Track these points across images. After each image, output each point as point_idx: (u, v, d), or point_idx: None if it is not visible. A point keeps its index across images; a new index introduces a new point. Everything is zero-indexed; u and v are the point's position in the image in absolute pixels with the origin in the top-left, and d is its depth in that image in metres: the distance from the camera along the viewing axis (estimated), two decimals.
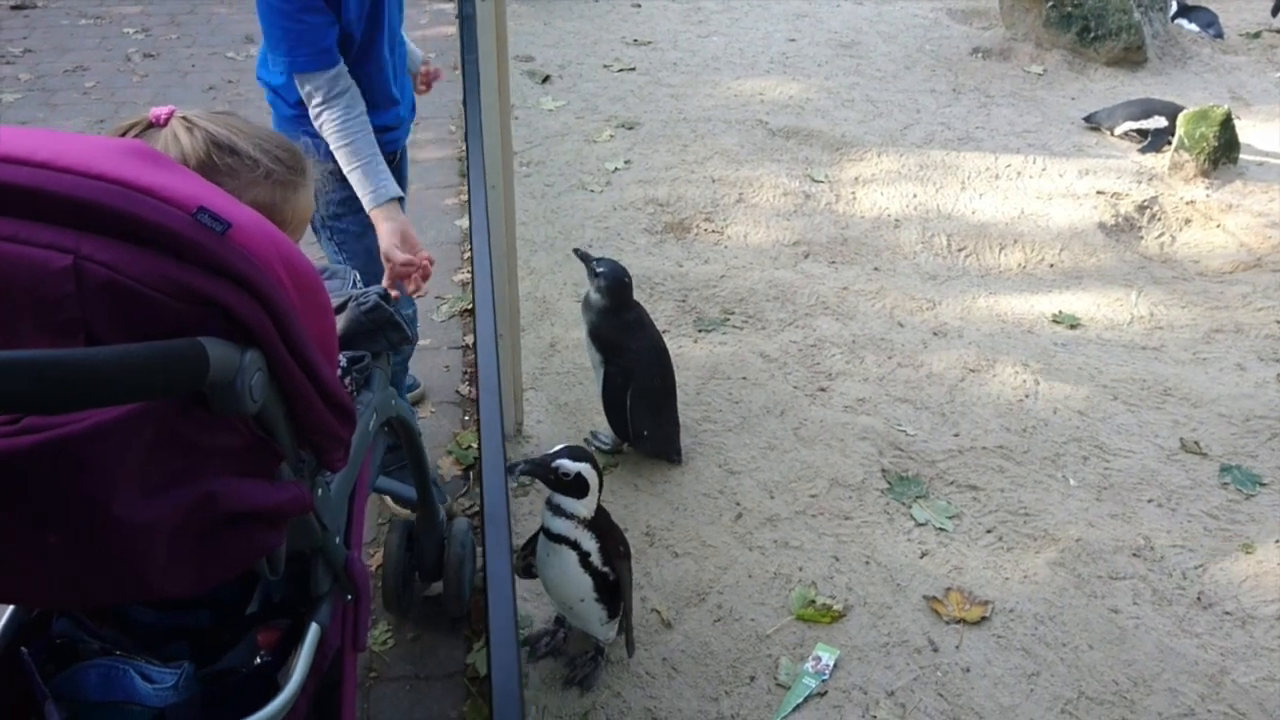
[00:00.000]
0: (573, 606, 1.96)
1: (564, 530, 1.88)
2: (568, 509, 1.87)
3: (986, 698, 2.05)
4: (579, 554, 1.88)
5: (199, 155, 1.27)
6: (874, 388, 2.98)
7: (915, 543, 2.43)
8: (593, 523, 1.89)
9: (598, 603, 1.93)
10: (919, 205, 4.02)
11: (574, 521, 1.87)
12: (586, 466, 1.85)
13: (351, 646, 1.52)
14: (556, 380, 2.97)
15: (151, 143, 1.26)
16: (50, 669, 1.29)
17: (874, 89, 5.08)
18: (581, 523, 1.87)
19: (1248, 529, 2.50)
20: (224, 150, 1.27)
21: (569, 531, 1.87)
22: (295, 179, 1.36)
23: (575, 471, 1.83)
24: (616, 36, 5.78)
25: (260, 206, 1.30)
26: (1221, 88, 5.23)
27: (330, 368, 1.11)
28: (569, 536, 1.87)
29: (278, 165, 1.33)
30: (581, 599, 1.93)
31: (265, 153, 1.32)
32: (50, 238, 0.83)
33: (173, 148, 1.27)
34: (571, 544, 1.88)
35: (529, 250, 3.60)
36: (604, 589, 1.92)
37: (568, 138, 4.51)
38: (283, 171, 1.33)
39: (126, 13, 5.98)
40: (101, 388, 0.76)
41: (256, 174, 1.30)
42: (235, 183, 1.28)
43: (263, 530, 1.07)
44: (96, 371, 0.74)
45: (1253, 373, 3.09)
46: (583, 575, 1.89)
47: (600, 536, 1.90)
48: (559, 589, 1.95)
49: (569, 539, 1.87)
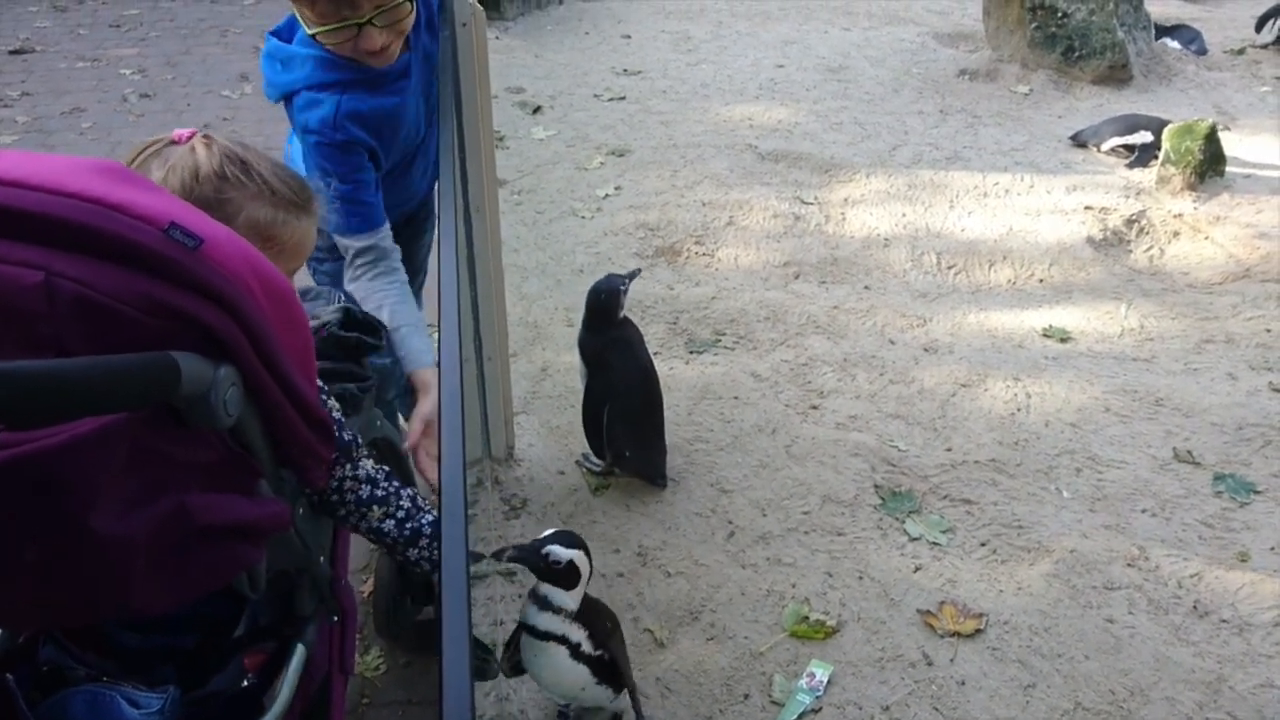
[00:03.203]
0: (575, 697, 1.85)
1: (551, 627, 1.71)
2: (555, 602, 1.70)
3: (982, 710, 2.04)
4: (568, 647, 1.73)
5: (211, 165, 1.32)
6: (865, 405, 2.98)
7: (909, 557, 2.43)
8: (579, 613, 1.73)
9: (599, 685, 1.80)
10: (908, 224, 4.04)
11: (561, 615, 1.71)
12: (579, 554, 1.69)
13: (339, 669, 1.52)
14: (548, 404, 2.98)
15: (167, 158, 1.31)
16: (36, 696, 1.29)
17: (862, 112, 5.13)
18: (568, 616, 1.71)
19: (1242, 537, 2.49)
20: (235, 163, 1.32)
21: (556, 627, 1.71)
22: (299, 204, 1.39)
23: (567, 559, 1.67)
24: (606, 67, 5.84)
25: (259, 223, 1.34)
26: (1207, 103, 5.28)
27: (309, 385, 1.12)
28: (555, 632, 1.71)
29: (283, 188, 1.37)
30: (582, 688, 1.79)
31: (275, 176, 1.36)
32: (22, 255, 0.84)
33: (187, 160, 1.31)
34: (559, 639, 1.72)
35: (520, 276, 3.63)
36: (602, 672, 1.79)
37: (558, 166, 4.55)
38: (287, 193, 1.37)
39: (123, 54, 6.05)
40: (69, 398, 0.77)
41: (262, 189, 1.34)
42: (240, 194, 1.33)
43: (242, 545, 1.08)
44: (64, 382, 0.75)
45: (1244, 381, 3.09)
46: (577, 666, 1.75)
47: (588, 624, 1.74)
48: (555, 685, 1.82)
49: (556, 635, 1.72)
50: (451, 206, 1.41)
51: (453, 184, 1.45)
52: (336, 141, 1.79)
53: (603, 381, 2.53)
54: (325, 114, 1.78)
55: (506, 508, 2.56)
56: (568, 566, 1.68)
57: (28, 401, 0.74)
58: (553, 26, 6.58)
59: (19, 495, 0.87)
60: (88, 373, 0.78)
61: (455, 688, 0.79)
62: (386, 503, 1.47)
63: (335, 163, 1.80)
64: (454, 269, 1.19)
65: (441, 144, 1.61)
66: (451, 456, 1.00)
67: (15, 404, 0.73)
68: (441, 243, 1.40)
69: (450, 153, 1.55)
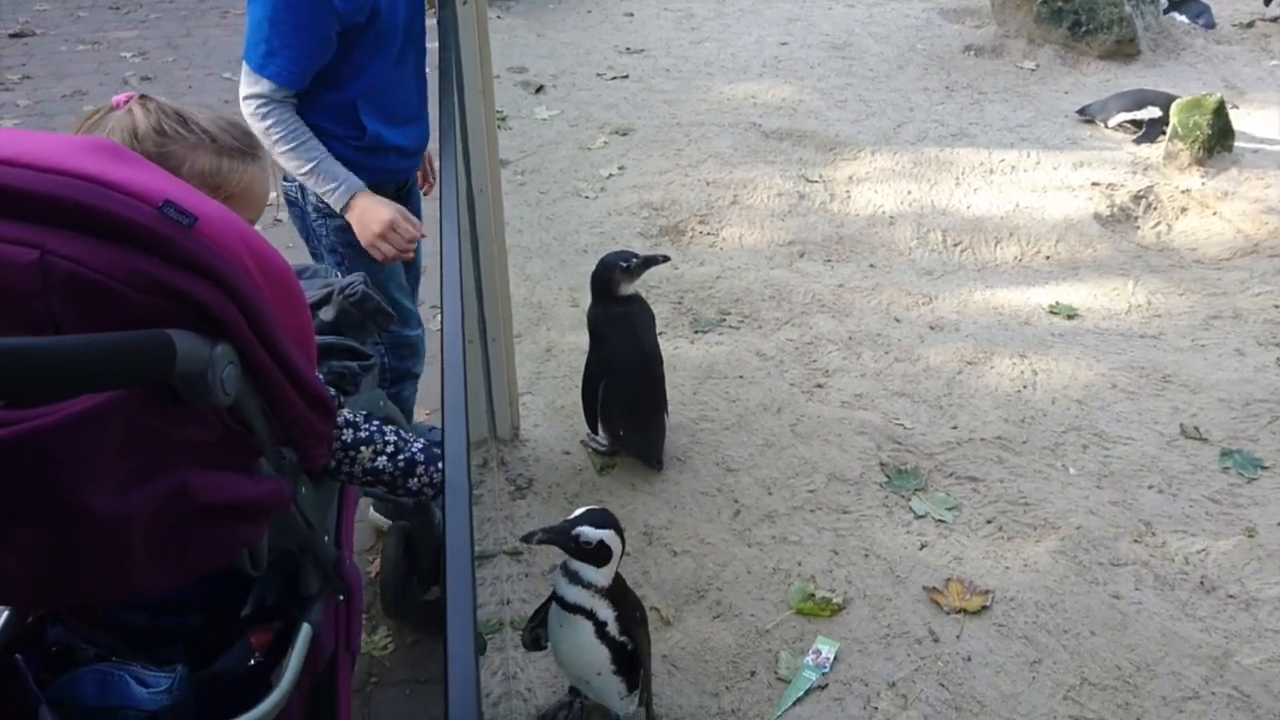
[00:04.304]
0: (589, 680, 1.83)
1: (580, 600, 1.72)
2: (586, 577, 1.71)
3: (989, 686, 2.04)
4: (595, 624, 1.73)
5: (149, 123, 1.33)
6: (871, 383, 2.97)
7: (914, 535, 2.42)
8: (609, 590, 1.75)
9: (615, 675, 1.79)
10: (914, 202, 4.02)
11: (591, 590, 1.72)
12: (610, 533, 1.70)
13: (345, 648, 1.52)
14: (553, 384, 2.98)
15: (108, 124, 1.33)
16: (46, 676, 1.29)
17: (867, 89, 5.09)
18: (599, 592, 1.73)
19: (1250, 512, 2.48)
20: (171, 118, 1.34)
21: (585, 601, 1.72)
22: (243, 149, 1.41)
23: (597, 539, 1.69)
24: (609, 45, 5.80)
25: (204, 173, 1.36)
26: (1215, 77, 5.23)
27: (308, 363, 1.12)
28: (584, 606, 1.73)
29: (225, 135, 1.38)
30: (598, 672, 1.79)
31: (215, 125, 1.38)
32: (16, 233, 0.84)
33: (124, 121, 1.33)
34: (587, 613, 1.73)
35: (524, 257, 3.62)
36: (622, 660, 1.78)
37: (562, 146, 4.53)
38: (229, 140, 1.39)
39: (123, 37, 6.04)
40: (63, 375, 0.76)
41: (202, 138, 1.36)
42: (180, 146, 1.35)
43: (242, 524, 1.08)
44: (58, 359, 0.75)
45: (1252, 357, 3.08)
46: (599, 646, 1.75)
47: (617, 604, 1.75)
48: (574, 662, 1.81)
49: (585, 609, 1.73)
50: (454, 187, 1.40)
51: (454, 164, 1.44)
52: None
53: (600, 355, 2.52)
54: None
55: (512, 488, 2.56)
56: (599, 546, 1.70)
57: (22, 378, 0.74)
58: (554, 5, 6.54)
59: (16, 474, 0.86)
60: (82, 350, 0.77)
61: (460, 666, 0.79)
62: (372, 441, 1.47)
63: (294, 6, 1.78)
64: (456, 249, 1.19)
65: (443, 124, 1.60)
66: (455, 437, 1.00)
67: (10, 380, 0.73)
68: (443, 223, 1.39)
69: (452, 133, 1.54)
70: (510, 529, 2.43)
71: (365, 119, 1.98)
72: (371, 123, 1.99)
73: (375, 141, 2.01)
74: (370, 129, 1.99)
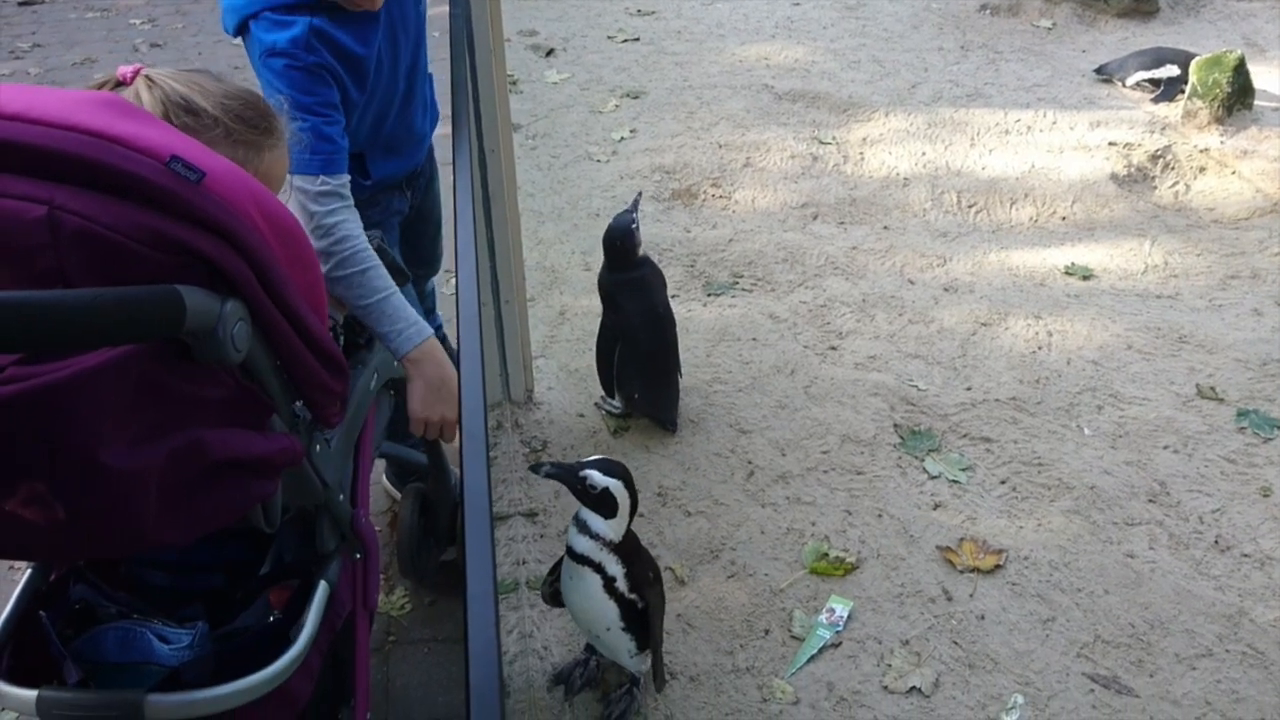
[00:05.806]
0: (599, 635, 1.84)
1: (587, 550, 1.73)
2: (593, 528, 1.73)
3: (1002, 644, 2.05)
4: (603, 578, 1.74)
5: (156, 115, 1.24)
6: (885, 345, 2.96)
7: (928, 495, 2.42)
8: (619, 546, 1.75)
9: (625, 632, 1.79)
10: (928, 163, 3.98)
11: (599, 543, 1.73)
12: (617, 484, 1.70)
13: (362, 605, 1.54)
14: (566, 347, 2.98)
15: None
16: (70, 633, 1.32)
17: (880, 49, 5.03)
18: (607, 545, 1.73)
19: (1266, 472, 2.47)
20: (180, 109, 1.24)
21: (593, 553, 1.73)
22: (260, 139, 1.32)
23: (603, 486, 1.69)
24: (620, 8, 5.74)
25: None
26: (1236, 34, 5.13)
27: (319, 320, 1.12)
28: (592, 558, 1.73)
29: (239, 124, 1.28)
30: (607, 627, 1.79)
31: (228, 111, 1.28)
32: (25, 189, 0.84)
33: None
34: (595, 566, 1.73)
35: (536, 221, 3.60)
36: (631, 618, 1.78)
37: (573, 109, 4.50)
38: (244, 131, 1.29)
39: (133, 4, 6.00)
40: (72, 328, 0.77)
41: (215, 133, 1.26)
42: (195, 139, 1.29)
43: (254, 480, 1.08)
44: (67, 311, 0.75)
45: (1269, 317, 3.05)
46: (607, 601, 1.75)
47: (627, 561, 1.75)
48: (583, 615, 1.82)
49: (592, 561, 1.73)
50: (466, 149, 1.39)
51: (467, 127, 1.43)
52: (309, 65, 1.63)
53: (615, 320, 2.52)
54: (296, 34, 1.62)
55: (527, 450, 2.57)
56: (603, 493, 1.70)
57: (31, 330, 0.74)
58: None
59: (30, 429, 0.87)
60: (89, 304, 0.78)
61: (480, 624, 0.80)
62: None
63: (305, 89, 1.63)
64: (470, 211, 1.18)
65: (455, 87, 1.58)
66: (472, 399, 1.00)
67: (19, 333, 0.74)
68: (457, 185, 1.38)
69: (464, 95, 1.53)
70: (525, 490, 2.44)
71: (372, 166, 1.90)
72: (378, 169, 1.91)
73: (379, 186, 1.93)
74: (375, 176, 1.91)
